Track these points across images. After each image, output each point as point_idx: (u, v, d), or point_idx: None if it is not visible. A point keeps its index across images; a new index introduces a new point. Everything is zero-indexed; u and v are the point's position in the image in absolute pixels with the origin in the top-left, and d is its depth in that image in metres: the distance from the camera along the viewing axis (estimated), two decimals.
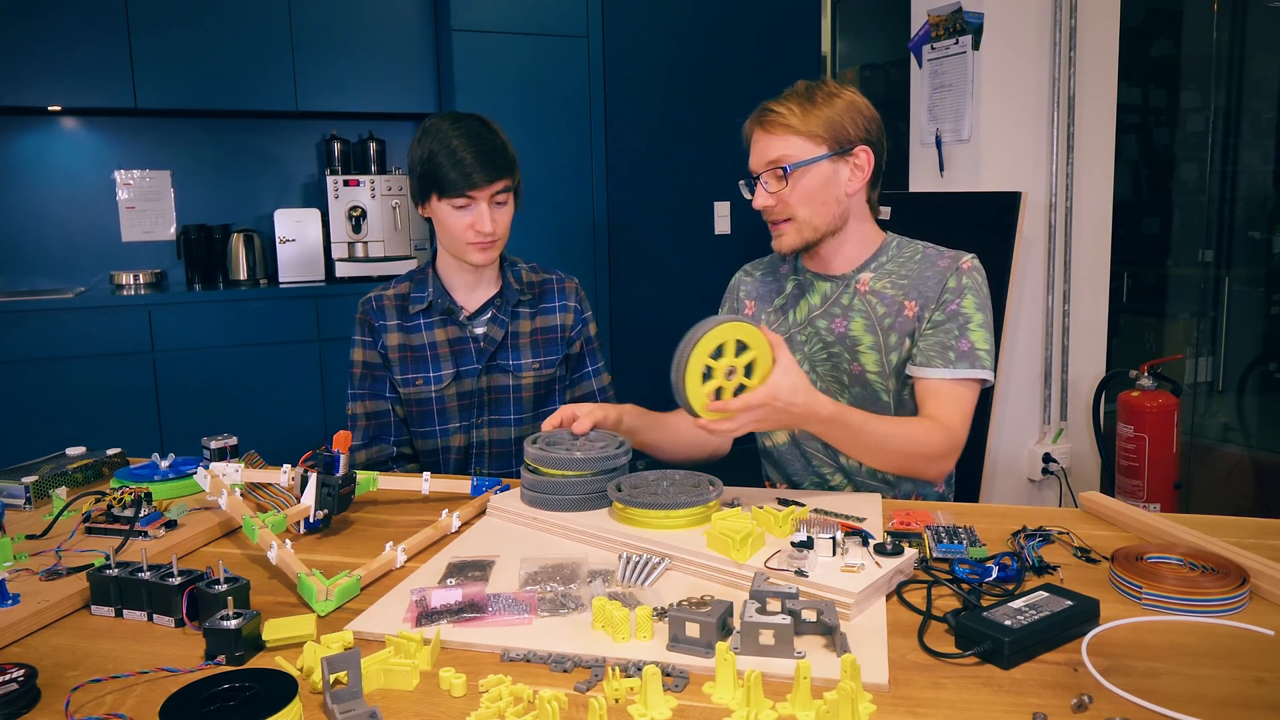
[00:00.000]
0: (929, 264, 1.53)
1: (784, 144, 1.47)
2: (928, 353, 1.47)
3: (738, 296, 1.70)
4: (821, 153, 1.47)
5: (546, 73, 3.84)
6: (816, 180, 1.48)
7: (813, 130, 1.46)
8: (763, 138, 1.50)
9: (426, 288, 1.75)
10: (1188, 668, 0.87)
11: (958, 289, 1.49)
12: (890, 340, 1.52)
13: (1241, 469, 3.45)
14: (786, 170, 1.46)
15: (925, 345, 1.48)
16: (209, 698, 0.79)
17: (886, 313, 1.52)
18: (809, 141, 1.46)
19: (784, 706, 0.81)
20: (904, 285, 1.52)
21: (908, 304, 1.51)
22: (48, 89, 3.47)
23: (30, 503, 1.42)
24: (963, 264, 1.51)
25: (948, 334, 1.47)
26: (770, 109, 1.49)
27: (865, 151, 1.49)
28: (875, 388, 1.53)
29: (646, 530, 1.18)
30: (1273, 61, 3.52)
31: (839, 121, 1.47)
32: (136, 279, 3.74)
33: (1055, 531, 1.22)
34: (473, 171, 1.61)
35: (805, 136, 1.46)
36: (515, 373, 1.75)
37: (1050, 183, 2.99)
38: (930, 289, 1.50)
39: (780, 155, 1.47)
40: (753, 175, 1.52)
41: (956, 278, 1.49)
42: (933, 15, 3.04)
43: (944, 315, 1.48)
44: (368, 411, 1.75)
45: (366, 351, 1.75)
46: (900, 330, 1.51)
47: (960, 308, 1.48)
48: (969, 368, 1.46)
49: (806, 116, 1.46)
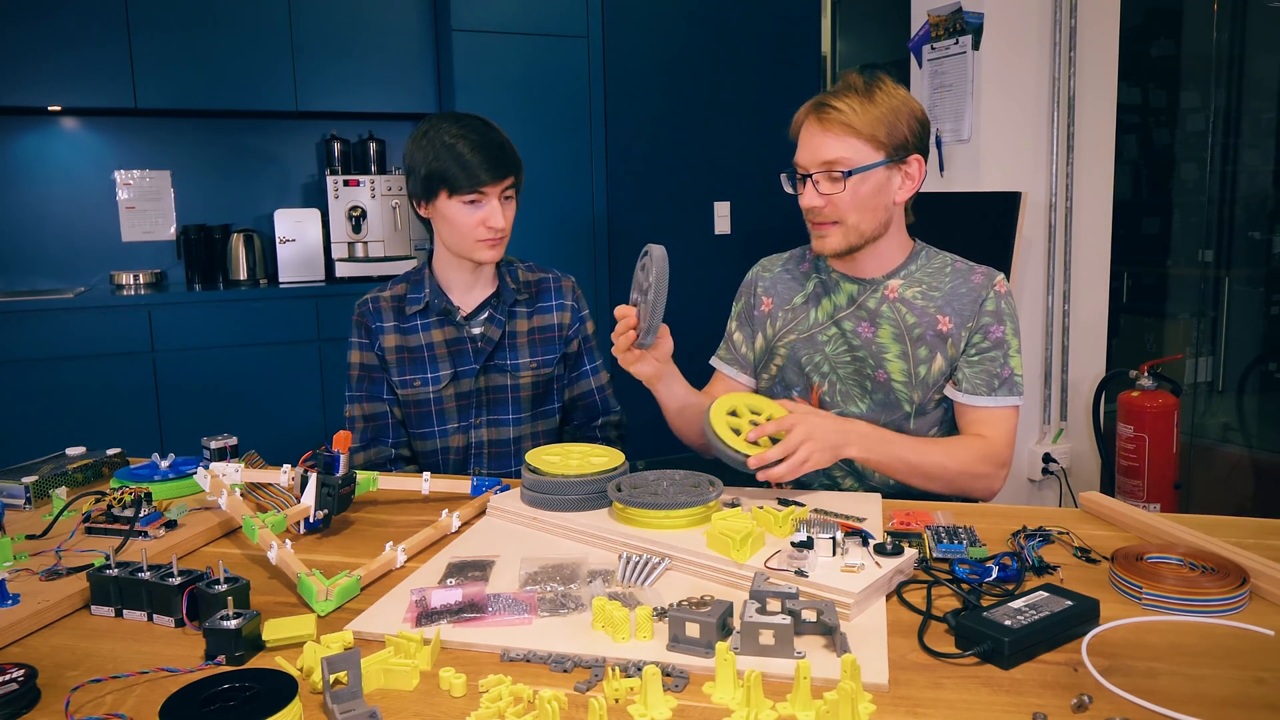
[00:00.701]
0: (960, 279, 1.52)
1: (842, 144, 1.42)
2: (974, 381, 1.48)
3: (754, 292, 1.66)
4: (879, 158, 1.43)
5: (546, 73, 3.84)
6: (871, 187, 1.44)
7: (873, 132, 1.41)
8: (818, 134, 1.44)
9: (423, 288, 1.74)
10: (1188, 668, 0.87)
11: (997, 313, 1.49)
12: (920, 352, 1.50)
13: (1241, 469, 3.45)
14: (846, 175, 1.42)
15: (971, 373, 1.48)
16: (209, 698, 0.79)
17: (917, 323, 1.50)
18: (868, 145, 1.42)
19: (784, 706, 0.81)
20: (936, 298, 1.51)
21: (941, 318, 1.50)
22: (48, 89, 3.47)
23: (30, 503, 1.42)
24: (998, 285, 1.50)
25: (993, 362, 1.48)
26: (830, 104, 1.42)
27: (918, 160, 1.47)
28: (898, 396, 1.52)
29: (646, 530, 1.18)
30: (1273, 61, 3.52)
31: (897, 124, 1.43)
32: (136, 279, 3.74)
33: (1055, 531, 1.22)
34: (485, 168, 1.61)
35: (865, 140, 1.42)
36: (513, 372, 1.74)
37: (1050, 183, 2.99)
38: (966, 307, 1.49)
39: (839, 157, 1.42)
40: (799, 170, 1.46)
41: (995, 301, 1.49)
42: (933, 15, 3.04)
43: (989, 343, 1.48)
44: (365, 414, 1.75)
45: (363, 354, 1.74)
46: (931, 344, 1.50)
47: (1004, 335, 1.49)
48: (1009, 394, 1.48)
49: (867, 115, 1.41)
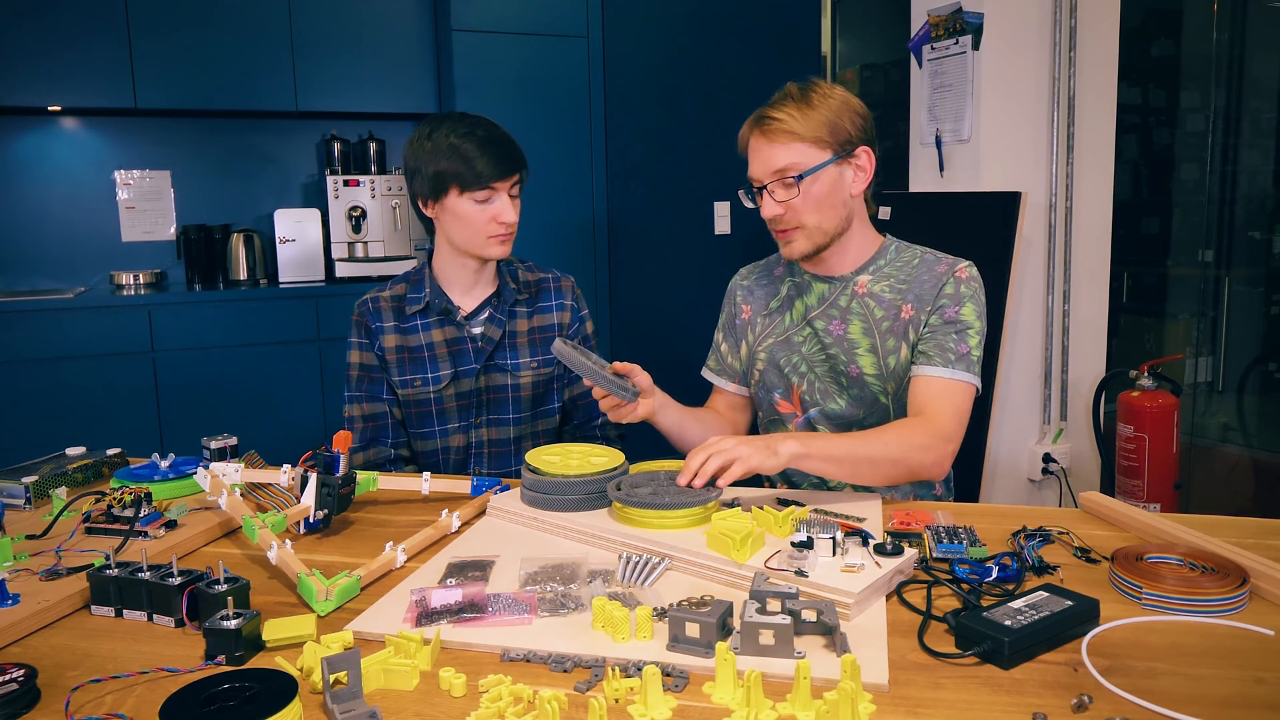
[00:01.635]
0: (926, 268, 1.53)
1: (788, 151, 1.44)
2: (927, 352, 1.47)
3: (735, 301, 1.70)
4: (826, 157, 1.45)
5: (546, 73, 3.84)
6: (824, 186, 1.46)
7: (817, 135, 1.44)
8: (765, 146, 1.47)
9: (423, 288, 1.74)
10: (1188, 668, 0.87)
11: (956, 295, 1.48)
12: (888, 344, 1.52)
13: (1241, 469, 3.45)
14: (798, 179, 1.44)
15: (924, 347, 1.48)
16: (209, 698, 0.79)
17: (884, 316, 1.52)
18: (813, 147, 1.44)
19: (784, 706, 0.81)
20: (901, 289, 1.52)
21: (904, 307, 1.51)
22: (48, 89, 3.46)
23: (30, 503, 1.42)
24: (960, 272, 1.50)
25: (945, 336, 1.47)
26: (770, 116, 1.46)
27: (866, 152, 1.48)
28: (873, 389, 1.53)
29: (646, 530, 1.18)
30: (1273, 61, 3.52)
31: (839, 123, 1.45)
32: (136, 279, 3.74)
33: (1055, 531, 1.22)
34: (495, 164, 1.62)
35: (810, 142, 1.44)
36: (513, 372, 1.74)
37: (1050, 183, 2.98)
38: (926, 292, 1.50)
39: (788, 164, 1.44)
40: (754, 184, 1.49)
41: (955, 285, 1.49)
42: (933, 15, 3.04)
43: (942, 320, 1.48)
44: (365, 414, 1.75)
45: (363, 354, 1.74)
46: (897, 334, 1.51)
47: (959, 314, 1.48)
48: (964, 371, 1.46)
49: (808, 120, 1.44)
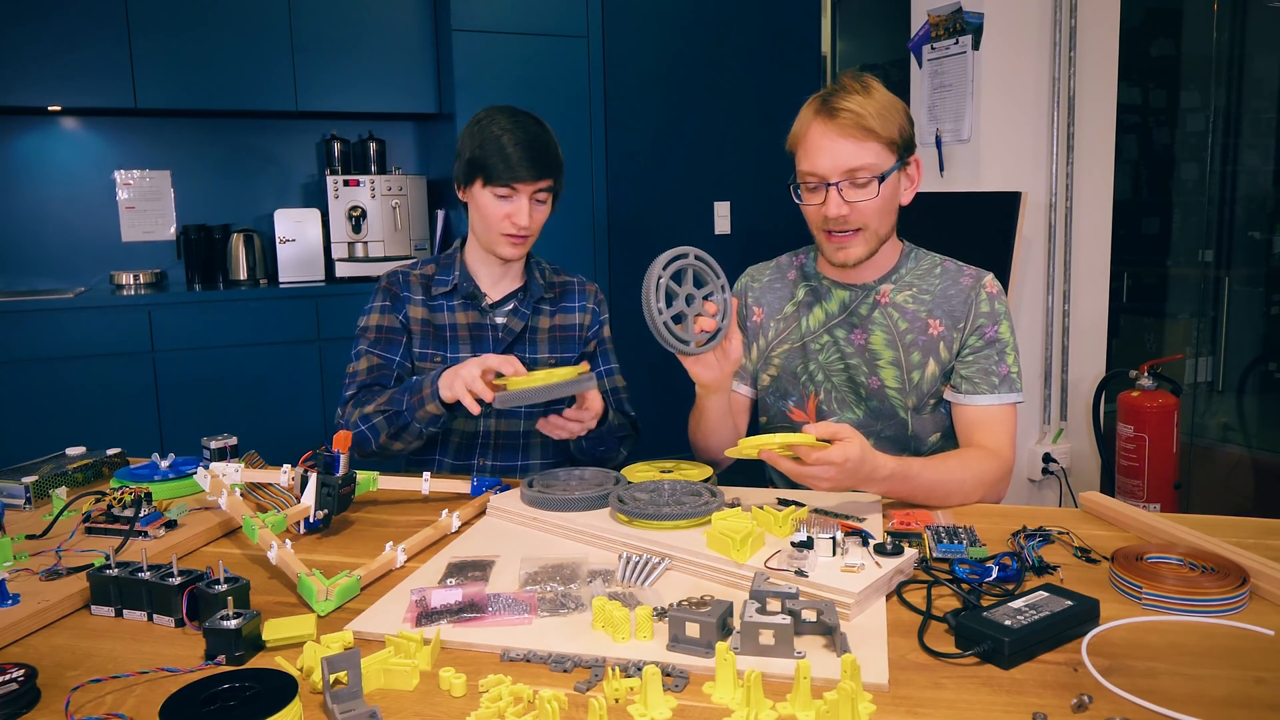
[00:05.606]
0: (950, 281, 1.51)
1: (864, 150, 1.38)
2: (972, 380, 1.47)
3: (745, 302, 1.66)
4: (895, 161, 1.41)
5: (546, 73, 3.84)
6: (890, 190, 1.42)
7: (891, 136, 1.39)
8: (838, 140, 1.38)
9: (452, 271, 1.75)
10: (1188, 668, 0.87)
11: (992, 314, 1.48)
12: (913, 358, 1.50)
13: (1241, 469, 3.45)
14: (880, 179, 1.39)
15: (968, 373, 1.47)
16: (209, 698, 0.79)
17: (909, 329, 1.50)
18: (886, 149, 1.39)
19: (784, 706, 0.81)
20: (926, 301, 1.50)
21: (932, 322, 1.49)
22: (48, 89, 3.46)
23: (30, 503, 1.42)
24: (989, 286, 1.49)
25: (989, 360, 1.47)
26: (849, 109, 1.36)
27: (917, 161, 1.46)
28: (893, 403, 1.52)
29: (646, 530, 1.18)
30: (1273, 61, 3.52)
31: (903, 124, 1.41)
32: (136, 279, 3.74)
33: (1055, 531, 1.22)
34: (523, 164, 1.62)
35: (884, 144, 1.39)
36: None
37: (1050, 183, 2.99)
38: (957, 309, 1.48)
39: (864, 163, 1.38)
40: (817, 179, 1.41)
41: (990, 302, 1.48)
42: (933, 15, 3.04)
43: (983, 342, 1.47)
44: (371, 365, 1.69)
45: (385, 316, 1.72)
46: (924, 349, 1.49)
47: (998, 334, 1.47)
48: (1009, 392, 1.46)
49: (884, 120, 1.38)
